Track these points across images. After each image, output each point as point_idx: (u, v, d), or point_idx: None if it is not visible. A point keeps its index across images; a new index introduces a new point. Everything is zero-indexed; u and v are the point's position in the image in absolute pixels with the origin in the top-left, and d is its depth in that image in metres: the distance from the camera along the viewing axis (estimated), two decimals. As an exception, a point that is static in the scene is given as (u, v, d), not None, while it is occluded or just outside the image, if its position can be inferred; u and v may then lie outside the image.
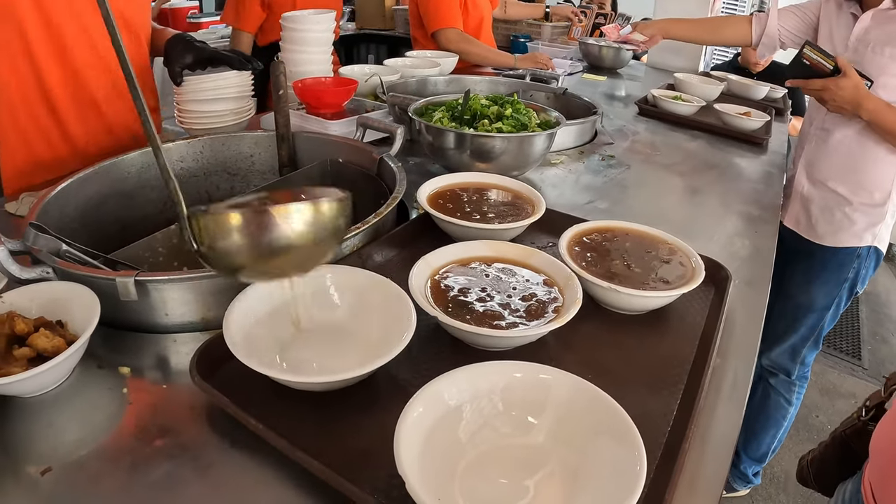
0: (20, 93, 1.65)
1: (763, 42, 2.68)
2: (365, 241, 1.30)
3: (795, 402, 2.74)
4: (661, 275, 1.22)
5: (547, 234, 1.46)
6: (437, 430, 0.79)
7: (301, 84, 2.10)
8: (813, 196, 2.38)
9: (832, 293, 2.43)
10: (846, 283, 2.41)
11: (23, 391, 0.93)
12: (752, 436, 2.81)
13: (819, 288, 2.43)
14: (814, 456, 1.68)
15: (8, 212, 1.52)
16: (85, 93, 1.73)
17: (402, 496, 0.74)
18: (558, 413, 0.84)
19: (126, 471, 0.82)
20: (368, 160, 1.63)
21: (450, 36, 3.44)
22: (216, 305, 1.07)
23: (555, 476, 0.79)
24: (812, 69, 2.09)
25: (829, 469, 1.60)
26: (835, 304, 2.46)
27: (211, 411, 0.92)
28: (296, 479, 0.81)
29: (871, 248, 2.33)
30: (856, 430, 1.51)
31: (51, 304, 1.03)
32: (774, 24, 2.61)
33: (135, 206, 1.60)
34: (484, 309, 1.05)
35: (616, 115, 2.79)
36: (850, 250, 2.34)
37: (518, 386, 0.86)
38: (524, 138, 1.75)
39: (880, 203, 2.24)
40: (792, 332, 2.53)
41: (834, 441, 1.58)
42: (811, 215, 2.39)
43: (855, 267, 2.37)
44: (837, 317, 2.52)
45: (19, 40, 1.59)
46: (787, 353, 2.58)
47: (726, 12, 5.85)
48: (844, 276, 2.39)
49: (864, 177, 2.23)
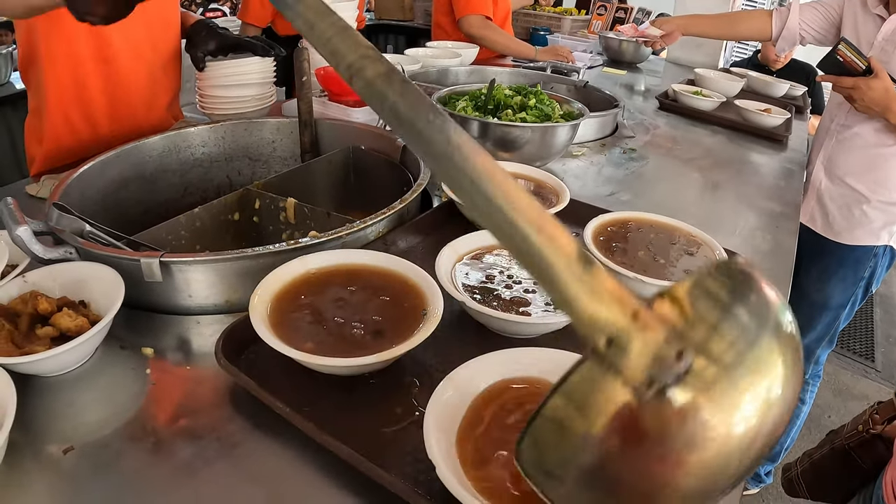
0: (57, 95, 1.67)
1: (783, 36, 2.65)
2: (389, 228, 1.30)
3: (808, 401, 2.73)
4: (685, 266, 1.21)
5: (571, 224, 1.44)
6: (466, 413, 0.79)
7: (324, 71, 2.10)
8: (831, 193, 2.37)
9: (848, 291, 2.42)
10: (862, 282, 2.40)
11: (45, 370, 0.93)
12: None
13: (835, 286, 2.41)
14: (804, 468, 1.65)
15: (29, 194, 1.52)
16: (121, 99, 1.76)
17: (429, 480, 0.73)
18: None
19: (149, 451, 0.82)
20: (391, 147, 1.63)
21: (474, 21, 3.44)
22: (241, 287, 1.07)
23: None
24: (844, 66, 2.07)
25: (827, 481, 1.58)
26: (850, 302, 2.45)
27: (235, 393, 0.92)
28: (321, 461, 0.80)
29: (887, 248, 2.32)
30: (861, 443, 1.49)
31: (74, 285, 1.03)
32: (795, 19, 2.58)
33: (156, 190, 1.60)
34: (511, 296, 1.05)
35: (636, 109, 2.77)
36: (867, 248, 2.33)
37: (545, 371, 0.86)
38: (548, 129, 1.74)
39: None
40: (808, 330, 2.51)
41: (834, 453, 1.55)
42: (828, 212, 2.37)
43: (871, 266, 2.35)
44: (852, 315, 2.51)
45: (70, 53, 1.64)
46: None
47: (746, 5, 5.82)
48: (861, 275, 2.38)
49: (884, 174, 2.22)
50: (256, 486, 0.78)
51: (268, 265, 1.02)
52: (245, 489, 0.78)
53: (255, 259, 1.05)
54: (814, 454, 1.63)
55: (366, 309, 0.97)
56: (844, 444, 1.52)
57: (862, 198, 2.28)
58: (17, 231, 0.99)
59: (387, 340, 0.90)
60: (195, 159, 1.67)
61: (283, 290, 0.99)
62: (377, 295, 1.01)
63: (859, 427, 1.51)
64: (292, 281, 1.01)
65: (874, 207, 2.26)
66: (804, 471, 1.65)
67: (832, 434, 1.61)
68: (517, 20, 4.90)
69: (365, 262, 1.07)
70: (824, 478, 1.58)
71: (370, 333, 0.92)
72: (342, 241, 1.14)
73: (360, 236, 1.20)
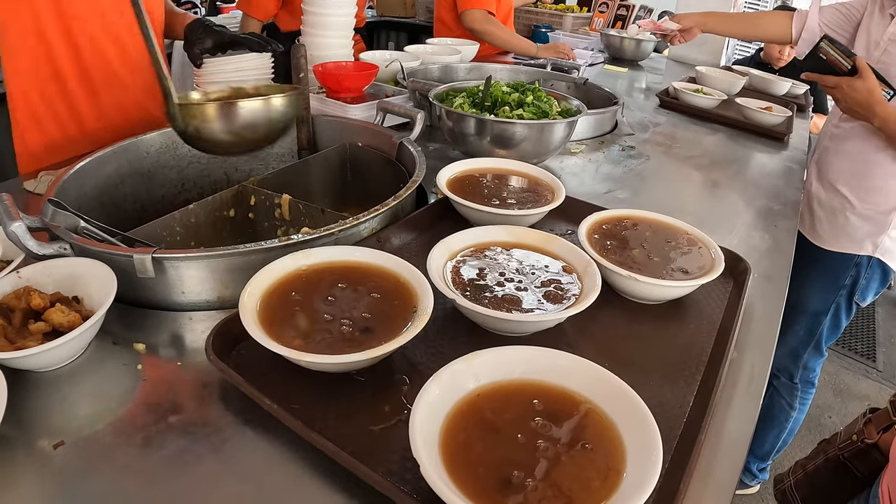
0: (32, 72, 1.67)
1: (803, 37, 2.57)
2: (383, 224, 1.30)
3: (799, 408, 2.70)
4: (680, 265, 1.21)
5: (566, 222, 1.45)
6: (452, 412, 0.79)
7: (321, 68, 2.10)
8: (820, 197, 2.34)
9: (827, 299, 2.38)
10: (843, 291, 2.36)
11: (37, 365, 0.93)
12: (755, 432, 2.79)
13: (811, 290, 2.38)
14: (798, 479, 1.65)
15: (26, 189, 1.52)
16: (95, 70, 1.75)
17: (415, 479, 0.74)
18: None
19: (139, 446, 0.82)
20: (388, 144, 1.63)
21: (476, 16, 3.44)
22: (233, 284, 1.07)
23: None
24: (828, 65, 2.03)
25: (823, 492, 1.57)
26: (832, 311, 2.41)
27: (225, 390, 0.92)
28: (309, 458, 0.81)
29: (872, 260, 2.26)
30: (856, 453, 1.48)
31: (67, 280, 1.04)
32: (815, 20, 2.51)
33: (153, 186, 1.61)
34: (503, 294, 1.05)
35: (637, 107, 2.77)
36: (848, 256, 2.29)
37: (535, 371, 0.86)
38: (545, 126, 1.74)
39: (885, 212, 2.18)
40: (788, 332, 2.48)
41: (829, 464, 1.55)
42: (815, 215, 2.35)
43: (853, 275, 2.31)
44: (839, 327, 2.46)
45: (32, 20, 1.60)
46: (786, 354, 2.54)
47: (748, 3, 5.81)
48: (841, 283, 2.34)
49: (872, 183, 2.18)
50: (245, 481, 0.78)
51: (260, 262, 1.02)
52: (233, 484, 0.78)
53: (246, 255, 1.05)
54: (807, 465, 1.62)
55: (356, 306, 0.98)
56: (839, 455, 1.52)
57: (848, 204, 2.24)
58: (12, 226, 1.00)
59: (376, 338, 0.91)
60: (192, 155, 1.68)
61: (273, 286, 1.00)
62: (368, 292, 1.01)
63: (853, 437, 1.51)
64: (283, 277, 1.02)
65: (858, 215, 2.22)
66: (798, 482, 1.65)
67: (824, 443, 1.60)
68: (519, 17, 4.90)
69: (356, 258, 1.08)
70: (820, 489, 1.58)
71: (359, 330, 0.92)
72: (335, 237, 1.15)
73: (353, 233, 1.20)
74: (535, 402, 0.82)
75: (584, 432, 0.78)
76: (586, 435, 0.78)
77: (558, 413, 0.81)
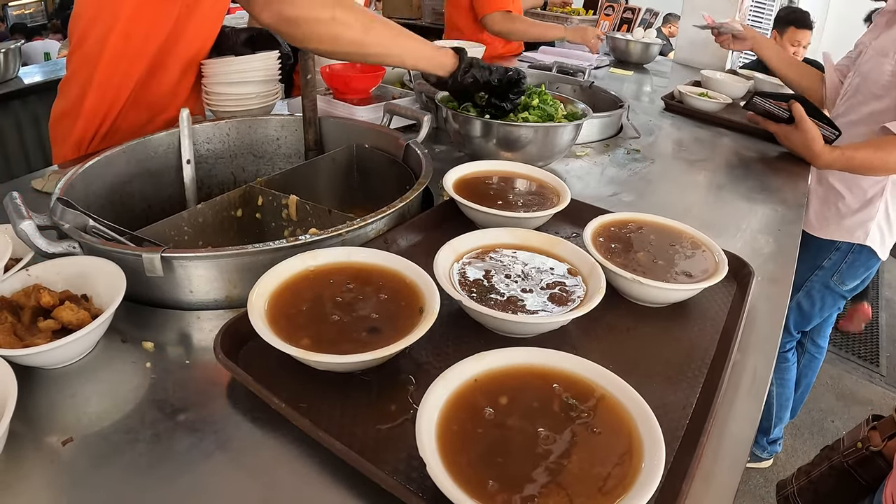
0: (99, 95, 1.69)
1: (828, 97, 2.63)
2: (390, 226, 1.30)
3: (784, 380, 2.76)
4: (684, 268, 1.21)
5: (571, 225, 1.45)
6: (459, 412, 0.79)
7: (329, 69, 2.11)
8: (817, 192, 2.44)
9: (801, 276, 2.46)
10: (818, 272, 2.47)
11: (46, 363, 0.94)
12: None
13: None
14: (801, 486, 1.65)
15: (34, 188, 1.53)
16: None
17: (421, 478, 0.74)
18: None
19: (147, 443, 0.83)
20: (395, 146, 1.64)
21: (497, 18, 3.48)
22: (241, 283, 1.08)
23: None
24: (767, 113, 2.21)
25: (826, 499, 1.57)
26: (804, 290, 2.51)
27: (233, 388, 0.93)
28: (317, 457, 0.82)
29: (854, 246, 2.37)
30: (861, 460, 1.49)
31: (76, 279, 1.04)
32: (833, 77, 2.59)
33: (161, 186, 1.62)
34: (508, 295, 1.05)
35: (642, 110, 2.77)
36: (828, 241, 2.41)
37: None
38: (550, 128, 1.74)
39: (871, 199, 2.30)
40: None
41: (833, 471, 1.55)
42: (810, 208, 2.44)
43: (831, 258, 2.42)
44: (815, 314, 2.56)
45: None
46: None
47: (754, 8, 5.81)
48: (818, 263, 2.46)
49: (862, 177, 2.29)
50: (252, 479, 0.79)
51: (268, 262, 1.03)
52: (241, 482, 0.79)
53: (255, 256, 1.06)
54: (811, 472, 1.63)
55: (363, 306, 0.98)
56: (843, 462, 1.52)
57: (839, 196, 2.35)
58: (22, 225, 1.00)
59: (383, 338, 0.91)
60: (200, 156, 1.69)
61: (281, 286, 1.00)
62: (375, 293, 1.02)
63: (858, 444, 1.51)
64: (291, 277, 1.02)
65: (848, 206, 2.34)
66: (801, 488, 1.65)
67: (828, 450, 1.61)
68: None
69: (363, 259, 1.08)
70: (825, 497, 1.58)
71: (367, 331, 0.93)
72: (342, 238, 1.15)
73: (360, 234, 1.21)
74: (536, 404, 0.83)
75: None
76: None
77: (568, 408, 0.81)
